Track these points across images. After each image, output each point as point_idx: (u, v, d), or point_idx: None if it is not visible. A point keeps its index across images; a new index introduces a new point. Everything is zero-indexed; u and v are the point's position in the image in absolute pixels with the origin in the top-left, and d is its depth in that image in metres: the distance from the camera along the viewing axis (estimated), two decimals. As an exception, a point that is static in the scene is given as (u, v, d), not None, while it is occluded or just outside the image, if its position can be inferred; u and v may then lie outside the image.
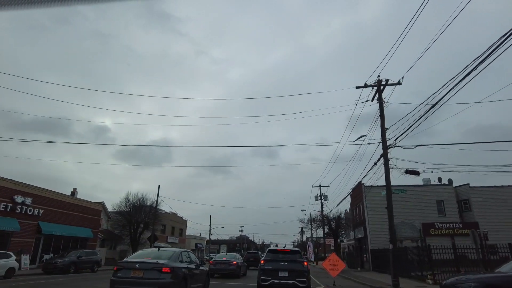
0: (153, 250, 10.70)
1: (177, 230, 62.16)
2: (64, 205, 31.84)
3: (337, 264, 16.76)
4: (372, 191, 30.57)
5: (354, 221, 35.97)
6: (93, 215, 36.03)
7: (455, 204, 31.09)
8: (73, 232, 31.25)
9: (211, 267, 19.42)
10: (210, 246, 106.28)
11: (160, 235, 54.58)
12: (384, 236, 30.10)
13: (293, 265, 12.26)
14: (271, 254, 13.20)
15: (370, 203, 31.05)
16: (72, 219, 32.31)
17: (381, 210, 31.54)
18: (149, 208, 41.67)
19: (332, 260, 16.88)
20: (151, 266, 8.78)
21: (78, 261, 24.01)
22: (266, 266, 12.40)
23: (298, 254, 13.13)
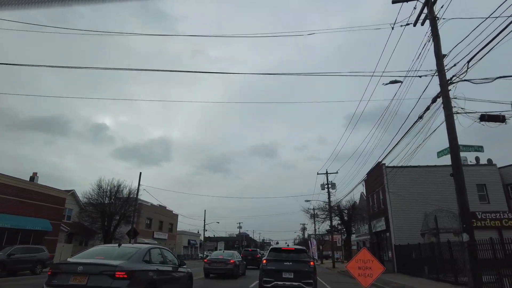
0: (111, 247, 8.44)
1: (166, 225, 55.93)
2: (18, 191, 25.74)
3: (371, 267, 10.53)
4: (396, 173, 24.32)
5: (370, 212, 29.69)
6: (55, 204, 29.83)
7: (501, 189, 24.80)
8: (21, 223, 25.05)
9: (206, 266, 18.18)
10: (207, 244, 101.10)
11: (145, 230, 48.36)
12: (412, 228, 23.82)
13: (299, 266, 11.25)
14: (274, 253, 12.03)
15: (394, 188, 24.78)
16: (28, 209, 26.19)
17: (408, 196, 25.36)
18: (127, 197, 35.35)
19: (362, 261, 10.66)
20: (100, 269, 6.52)
21: (9, 261, 17.86)
22: (268, 267, 11.39)
23: (303, 253, 12.00)
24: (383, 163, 24.95)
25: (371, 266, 10.54)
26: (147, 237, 48.37)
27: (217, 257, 18.77)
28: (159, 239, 52.63)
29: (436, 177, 24.97)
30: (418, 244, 19.36)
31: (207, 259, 18.98)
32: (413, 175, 24.75)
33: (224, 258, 18.42)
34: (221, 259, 18.31)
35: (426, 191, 24.52)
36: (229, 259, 18.17)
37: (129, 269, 6.67)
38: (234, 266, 17.97)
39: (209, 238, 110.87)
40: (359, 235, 44.93)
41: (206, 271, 18.19)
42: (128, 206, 35.94)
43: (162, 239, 53.74)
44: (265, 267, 11.47)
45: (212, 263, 18.18)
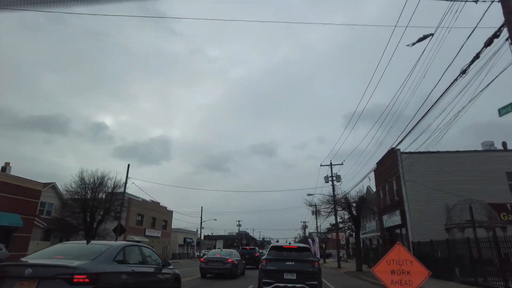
0: (76, 244, 6.94)
1: (159, 222, 52.75)
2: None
3: (410, 271, 7.32)
4: (413, 160, 21.14)
5: (381, 205, 26.48)
6: (28, 197, 26.69)
7: (534, 177, 21.57)
8: (-16, 218, 21.90)
9: (202, 266, 17.28)
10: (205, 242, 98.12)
11: (135, 227, 45.22)
12: (432, 222, 20.55)
13: (302, 265, 10.24)
14: (274, 252, 11.09)
15: (410, 177, 21.58)
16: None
17: (427, 186, 22.07)
18: (111, 191, 32.14)
19: (397, 262, 7.46)
20: (54, 272, 5.24)
21: (-49, 260, 14.66)
22: (268, 267, 10.43)
23: (307, 252, 11.00)
24: (397, 148, 21.77)
25: (409, 269, 7.35)
26: (138, 234, 45.24)
27: (214, 256, 17.78)
28: (152, 237, 49.52)
29: (461, 164, 21.77)
30: (446, 241, 16.14)
31: (204, 258, 17.90)
32: (432, 162, 21.52)
33: (221, 257, 17.47)
34: (218, 258, 17.38)
35: (448, 180, 21.32)
36: (227, 258, 17.25)
37: (93, 271, 5.50)
38: (232, 265, 17.06)
39: (208, 236, 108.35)
40: (365, 232, 41.72)
41: (202, 270, 17.21)
42: (114, 200, 32.74)
43: (155, 236, 50.62)
44: (264, 267, 10.59)
45: (209, 263, 17.20)
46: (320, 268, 10.75)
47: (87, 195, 31.01)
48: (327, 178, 35.91)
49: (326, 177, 36.06)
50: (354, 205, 24.53)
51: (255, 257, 27.26)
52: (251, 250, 28.31)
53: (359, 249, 24.78)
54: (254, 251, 28.21)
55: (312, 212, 65.90)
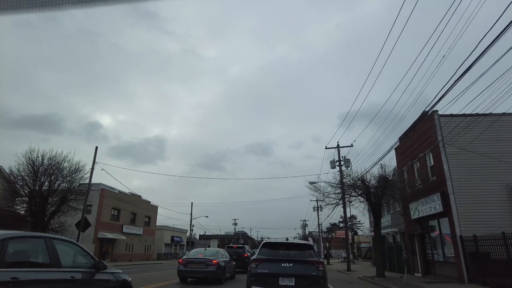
0: None
1: (140, 218, 46.60)
2: None
3: None
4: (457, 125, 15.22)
5: (405, 191, 20.44)
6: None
7: None
8: None
9: (181, 268, 14.28)
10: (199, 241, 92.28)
11: (109, 222, 39.09)
12: (487, 207, 14.73)
13: (302, 268, 8.13)
14: (267, 251, 8.83)
15: (454, 147, 15.61)
16: None
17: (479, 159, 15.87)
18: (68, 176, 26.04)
19: None
20: None
21: None
22: (259, 269, 8.22)
23: (309, 251, 8.75)
24: (434, 110, 15.77)
25: None
26: (114, 230, 39.14)
27: (195, 257, 14.77)
28: (131, 234, 43.42)
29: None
30: None
31: (182, 259, 14.85)
32: (484, 128, 15.50)
33: (204, 257, 14.49)
34: (201, 259, 14.44)
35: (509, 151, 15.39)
36: (211, 259, 14.36)
37: None
38: (217, 268, 14.23)
39: (204, 236, 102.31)
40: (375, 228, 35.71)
41: (181, 274, 14.41)
42: (75, 189, 26.64)
43: (135, 234, 44.52)
44: (254, 270, 8.29)
45: (189, 264, 14.31)
46: (325, 272, 8.43)
47: (37, 180, 24.95)
48: (333, 163, 29.97)
49: (332, 161, 30.12)
50: (373, 190, 18.45)
51: (243, 258, 21.30)
52: (239, 249, 22.28)
53: (380, 248, 18.73)
54: (242, 250, 22.19)
55: (314, 208, 60.19)
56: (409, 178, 19.76)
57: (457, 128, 15.45)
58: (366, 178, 18.08)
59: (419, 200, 18.26)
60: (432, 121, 16.75)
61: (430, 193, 16.92)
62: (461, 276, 14.15)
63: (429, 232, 17.91)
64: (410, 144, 19.99)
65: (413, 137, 19.44)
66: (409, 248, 20.43)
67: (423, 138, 17.94)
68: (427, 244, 18.40)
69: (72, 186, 26.54)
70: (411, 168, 19.90)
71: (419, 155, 18.56)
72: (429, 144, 17.17)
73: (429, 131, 17.11)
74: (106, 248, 39.47)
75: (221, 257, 15.39)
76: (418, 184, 18.88)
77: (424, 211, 17.63)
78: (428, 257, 17.87)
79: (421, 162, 18.38)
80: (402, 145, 21.29)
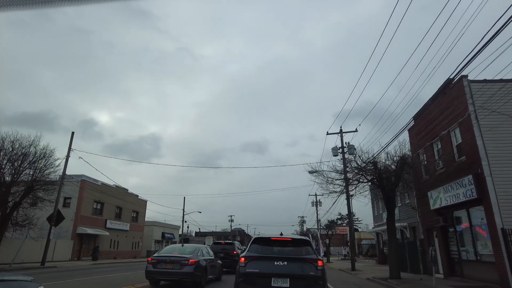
0: None
1: (127, 213, 43.42)
2: None
3: None
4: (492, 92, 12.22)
5: (422, 177, 17.38)
6: None
7: None
8: None
9: (149, 269, 11.29)
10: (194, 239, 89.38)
11: (91, 217, 35.91)
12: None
13: (299, 267, 7.17)
14: (259, 247, 7.77)
15: (489, 120, 12.58)
16: None
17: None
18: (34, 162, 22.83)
19: None
20: None
21: None
22: (249, 269, 7.22)
23: (306, 247, 7.70)
24: (463, 74, 12.75)
25: None
26: (96, 225, 35.96)
27: (168, 255, 12.00)
28: (116, 230, 40.28)
29: None
30: None
31: (152, 257, 11.95)
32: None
33: (179, 256, 11.71)
34: (174, 257, 11.60)
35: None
36: (187, 258, 11.55)
37: None
38: (195, 268, 11.44)
39: (200, 233, 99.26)
40: (382, 223, 32.74)
41: (149, 275, 11.48)
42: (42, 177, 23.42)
43: (120, 230, 41.37)
44: (243, 270, 7.21)
45: (159, 264, 11.44)
46: (325, 271, 7.26)
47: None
48: (336, 150, 26.89)
49: (334, 148, 27.03)
50: (388, 174, 15.36)
51: (232, 256, 18.25)
52: (227, 246, 19.20)
53: (395, 244, 15.63)
54: (231, 247, 19.09)
55: (312, 203, 57.20)
56: (427, 160, 16.68)
57: (494, 96, 12.42)
58: (379, 159, 14.99)
59: (441, 186, 15.21)
60: (460, 89, 13.68)
61: (456, 177, 13.87)
62: (505, 280, 11.11)
63: (454, 224, 14.87)
64: (429, 121, 16.93)
65: (433, 112, 16.37)
66: (427, 244, 17.39)
67: (448, 112, 14.86)
68: (450, 239, 15.37)
69: (40, 175, 23.35)
70: (430, 150, 16.84)
71: (441, 133, 15.49)
72: (455, 117, 14.10)
73: (456, 101, 14.04)
74: (97, 245, 36.71)
75: (201, 255, 12.65)
76: (439, 168, 15.83)
77: (448, 199, 14.57)
78: (453, 255, 14.84)
79: (444, 141, 15.31)
80: (418, 125, 18.24)
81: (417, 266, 18.79)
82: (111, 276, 15.74)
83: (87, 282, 13.05)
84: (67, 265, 25.09)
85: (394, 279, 14.47)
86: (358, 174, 15.69)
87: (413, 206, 23.98)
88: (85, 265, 25.67)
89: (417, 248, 18.98)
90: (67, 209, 33.45)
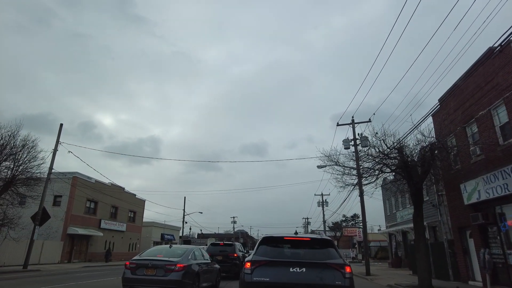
0: None
1: (123, 213, 41.22)
2: None
3: None
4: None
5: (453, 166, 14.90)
6: None
7: None
8: None
9: (127, 276, 9.14)
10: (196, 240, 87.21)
11: (84, 217, 33.78)
12: None
13: (321, 275, 5.65)
14: (268, 249, 6.31)
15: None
16: None
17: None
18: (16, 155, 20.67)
19: None
20: None
21: None
22: (256, 277, 5.74)
23: (330, 249, 6.18)
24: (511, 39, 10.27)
25: None
26: (88, 225, 33.78)
27: (150, 258, 9.55)
28: (111, 230, 38.08)
29: None
30: None
31: (131, 261, 9.48)
32: None
33: (163, 259, 9.34)
34: (157, 261, 9.23)
35: None
36: (173, 262, 9.18)
37: None
38: (183, 275, 9.06)
39: (202, 235, 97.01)
40: (395, 224, 30.24)
41: (127, 284, 9.06)
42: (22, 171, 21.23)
43: (116, 230, 39.18)
44: (249, 278, 5.71)
45: (139, 269, 9.10)
46: (353, 280, 5.73)
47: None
48: (347, 143, 24.49)
49: (346, 140, 24.62)
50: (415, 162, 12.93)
51: (232, 260, 15.91)
52: (226, 247, 16.79)
53: (424, 246, 13.08)
54: (230, 249, 16.65)
55: (318, 203, 54.64)
56: (458, 146, 14.21)
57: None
58: (405, 145, 12.55)
59: (479, 177, 12.76)
60: (508, 57, 11.25)
61: (502, 165, 11.43)
62: None
63: (496, 222, 12.40)
64: (460, 101, 14.49)
65: (466, 90, 13.93)
66: (459, 246, 14.90)
67: (488, 87, 12.42)
68: (492, 240, 12.89)
69: (21, 169, 21.17)
70: (462, 134, 14.38)
71: (478, 113, 13.04)
72: (500, 92, 11.66)
73: (502, 72, 11.60)
74: (109, 247, 36.53)
75: (193, 258, 10.44)
76: (475, 155, 13.37)
77: (490, 191, 12.12)
78: (497, 259, 12.35)
79: (483, 122, 12.86)
80: (445, 107, 15.79)
81: (445, 271, 16.30)
82: (90, 283, 13.43)
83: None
84: (53, 269, 22.86)
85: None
86: (379, 164, 13.24)
87: (434, 204, 21.52)
88: (72, 268, 23.43)
89: (444, 251, 16.49)
90: (57, 208, 31.34)
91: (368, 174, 13.46)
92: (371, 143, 12.83)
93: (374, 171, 13.21)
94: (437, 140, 12.50)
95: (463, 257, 14.55)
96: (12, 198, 21.60)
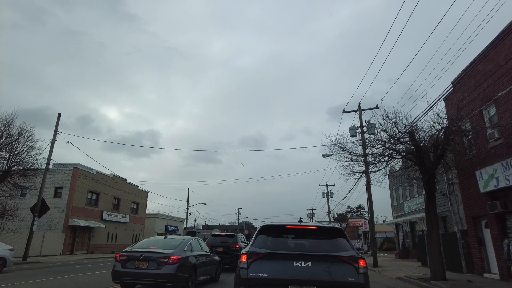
0: None
1: (126, 204, 40.86)
2: None
3: None
4: None
5: (466, 153, 13.98)
6: None
7: None
8: None
9: (117, 269, 8.49)
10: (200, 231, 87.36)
11: (85, 208, 33.40)
12: None
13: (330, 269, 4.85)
14: (268, 239, 5.53)
15: None
16: None
17: None
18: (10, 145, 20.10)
19: None
20: None
21: None
22: (253, 273, 4.97)
23: (340, 239, 5.36)
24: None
25: None
26: (90, 217, 33.41)
27: (142, 249, 8.83)
28: (113, 222, 37.76)
29: None
30: None
31: (121, 253, 8.78)
32: None
33: (156, 251, 8.67)
34: (150, 253, 8.54)
35: None
36: (167, 255, 8.47)
37: None
38: (177, 268, 8.38)
39: (207, 226, 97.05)
40: (402, 214, 29.44)
41: (117, 278, 8.45)
42: (22, 161, 20.71)
43: (119, 222, 38.85)
44: (244, 274, 4.98)
45: (130, 262, 8.41)
46: (367, 276, 4.95)
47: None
48: (353, 130, 23.62)
49: (352, 128, 23.77)
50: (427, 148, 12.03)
51: (234, 251, 15.27)
52: (228, 238, 16.14)
53: (437, 237, 12.26)
54: (232, 240, 16.00)
55: (323, 193, 53.94)
56: (473, 131, 13.28)
57: None
58: (419, 127, 11.67)
59: (497, 162, 11.87)
60: (531, 30, 10.25)
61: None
62: None
63: (515, 209, 11.55)
64: (477, 83, 13.52)
65: (484, 70, 12.95)
66: (473, 236, 14.08)
67: (508, 65, 11.44)
68: (510, 230, 12.06)
69: (18, 159, 20.64)
70: (479, 118, 13.44)
71: (497, 95, 12.09)
72: (523, 69, 10.69)
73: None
74: None
75: (189, 250, 9.72)
76: (493, 140, 12.46)
77: (511, 178, 11.24)
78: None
79: (503, 104, 11.91)
80: (459, 90, 14.82)
81: (457, 263, 15.52)
82: (84, 276, 12.88)
83: (39, 285, 10.17)
84: (53, 260, 22.46)
85: (439, 280, 11.25)
86: (389, 149, 12.39)
87: (444, 193, 20.67)
88: (73, 260, 23.02)
89: (457, 241, 15.69)
90: (58, 200, 30.97)
91: (377, 160, 12.61)
92: (382, 126, 11.86)
93: (384, 157, 12.35)
94: (454, 122, 11.55)
95: (478, 248, 13.74)
96: (9, 189, 21.14)
